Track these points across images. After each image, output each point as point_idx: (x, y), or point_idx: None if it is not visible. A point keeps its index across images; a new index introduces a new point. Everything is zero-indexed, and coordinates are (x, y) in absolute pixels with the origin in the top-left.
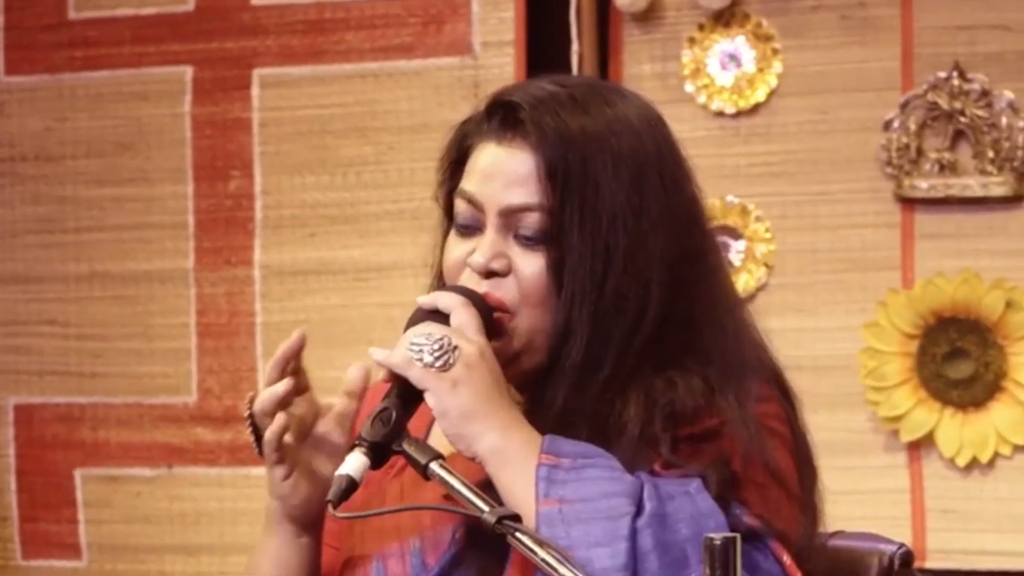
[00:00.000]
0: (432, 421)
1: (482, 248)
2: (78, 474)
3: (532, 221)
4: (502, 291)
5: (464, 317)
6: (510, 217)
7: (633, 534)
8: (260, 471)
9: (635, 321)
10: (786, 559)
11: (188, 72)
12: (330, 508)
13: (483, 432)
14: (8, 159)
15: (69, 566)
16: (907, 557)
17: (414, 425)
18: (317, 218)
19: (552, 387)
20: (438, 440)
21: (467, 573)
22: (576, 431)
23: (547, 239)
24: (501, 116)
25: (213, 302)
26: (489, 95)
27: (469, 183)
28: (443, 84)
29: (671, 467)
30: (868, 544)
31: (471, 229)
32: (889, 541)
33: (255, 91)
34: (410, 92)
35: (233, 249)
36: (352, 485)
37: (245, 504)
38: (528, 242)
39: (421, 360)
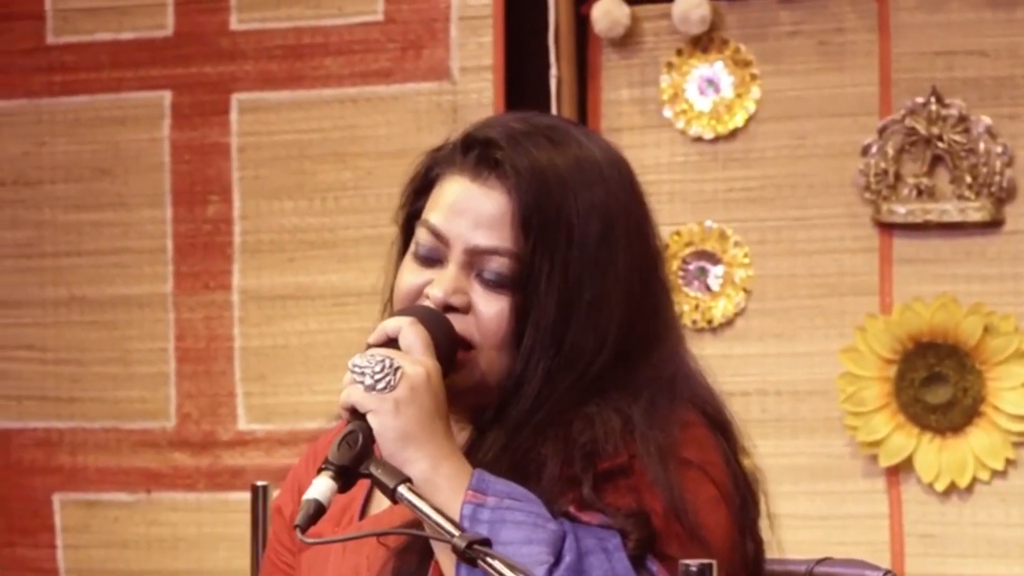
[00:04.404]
0: None
1: (442, 282)
2: (56, 499)
3: (499, 265)
4: (464, 326)
5: (411, 338)
6: (476, 257)
7: None
8: (239, 496)
9: (583, 373)
10: None
11: (167, 97)
12: (297, 533)
13: (416, 459)
14: None
15: None
16: None
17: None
18: (296, 243)
19: (496, 430)
20: None
21: None
22: (500, 465)
23: (512, 284)
24: (478, 152)
25: (192, 327)
26: (464, 129)
27: (435, 215)
28: (421, 109)
29: (587, 507)
30: (854, 571)
31: (431, 260)
32: (875, 567)
33: (234, 116)
34: (388, 117)
35: (212, 274)
36: (320, 509)
37: (223, 529)
38: (492, 284)
39: (363, 383)
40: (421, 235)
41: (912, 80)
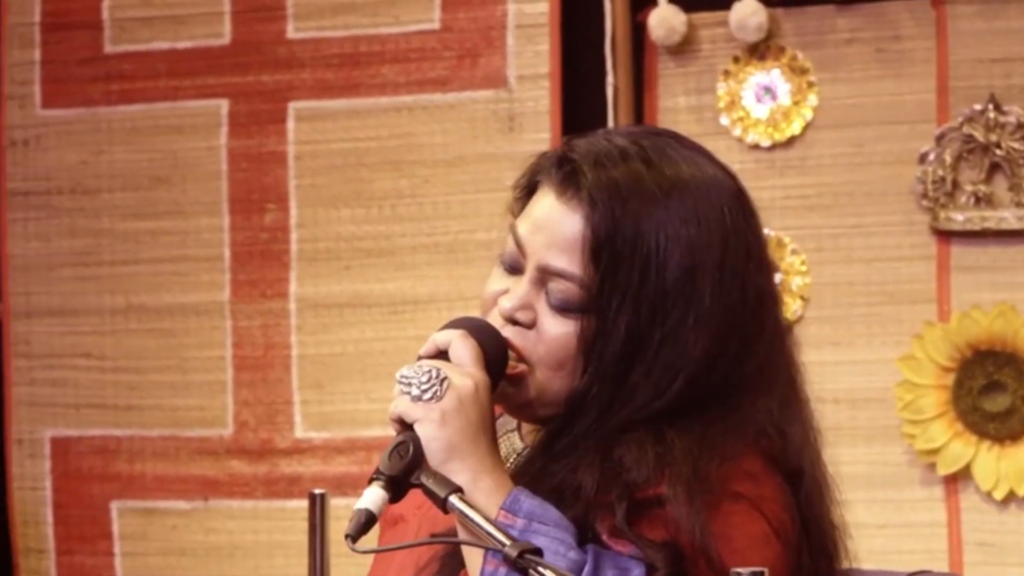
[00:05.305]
0: None
1: (512, 295)
2: (114, 507)
3: (565, 289)
4: (523, 341)
5: (460, 350)
6: (546, 275)
7: None
8: (296, 504)
9: (645, 405)
10: None
11: (224, 105)
12: (348, 542)
13: (458, 471)
14: (44, 192)
15: None
16: None
17: None
18: (352, 251)
19: (545, 449)
20: None
21: None
22: (541, 484)
23: (577, 310)
24: (567, 170)
25: (249, 335)
26: (566, 140)
27: (522, 225)
28: (478, 117)
29: (619, 536)
30: None
31: (513, 269)
32: None
33: (290, 124)
34: (445, 125)
35: (268, 282)
36: (371, 519)
37: (280, 537)
38: (556, 307)
39: (409, 393)
40: (508, 242)
41: (970, 87)
